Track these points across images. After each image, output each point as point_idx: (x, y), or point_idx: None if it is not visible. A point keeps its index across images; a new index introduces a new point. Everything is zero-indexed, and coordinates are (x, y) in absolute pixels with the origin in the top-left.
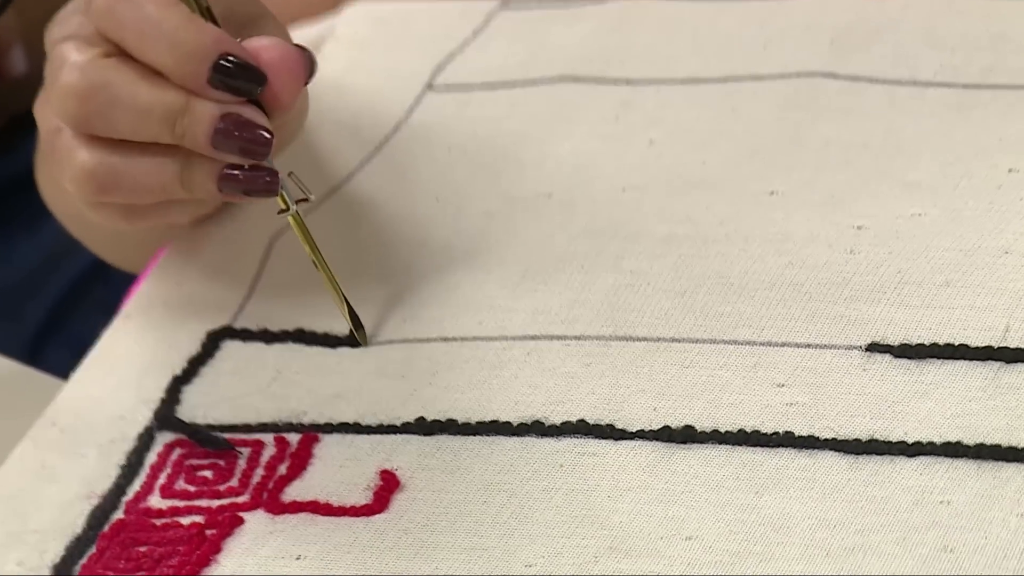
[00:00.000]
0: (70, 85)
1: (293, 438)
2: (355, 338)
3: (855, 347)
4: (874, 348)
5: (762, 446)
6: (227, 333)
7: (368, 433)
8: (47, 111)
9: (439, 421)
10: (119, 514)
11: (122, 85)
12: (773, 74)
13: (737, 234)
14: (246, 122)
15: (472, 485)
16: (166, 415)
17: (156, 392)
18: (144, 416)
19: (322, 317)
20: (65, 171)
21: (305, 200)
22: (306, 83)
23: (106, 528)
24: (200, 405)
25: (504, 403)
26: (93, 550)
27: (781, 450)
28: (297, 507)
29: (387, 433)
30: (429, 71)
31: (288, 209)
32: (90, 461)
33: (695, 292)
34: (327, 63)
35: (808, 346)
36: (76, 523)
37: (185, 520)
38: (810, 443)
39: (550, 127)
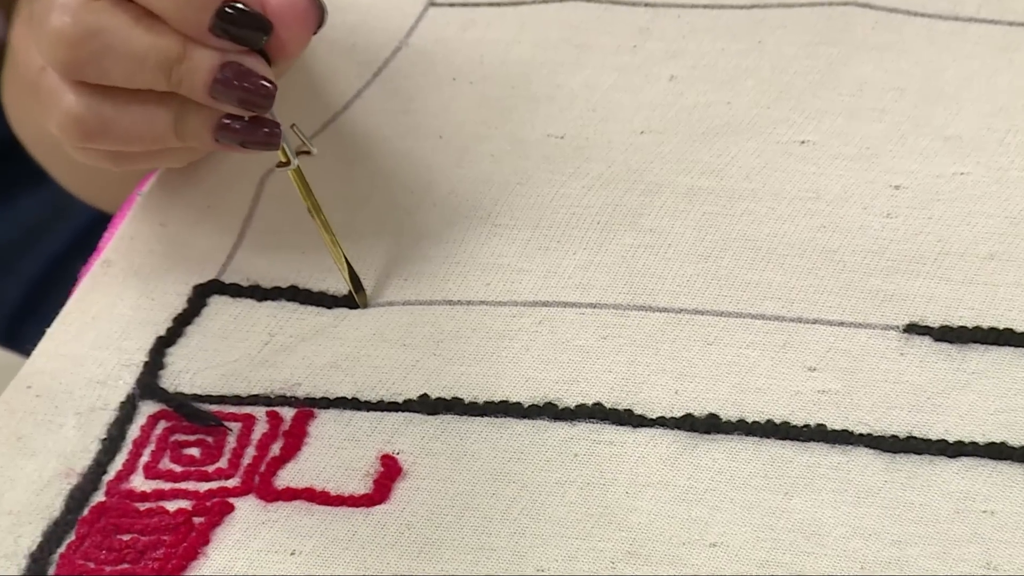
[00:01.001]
0: (60, 30)
1: (287, 413)
2: (354, 300)
3: (892, 327)
4: (912, 329)
5: (792, 439)
6: (215, 287)
7: (368, 410)
8: (30, 46)
9: (444, 399)
10: (100, 496)
11: (116, 31)
12: (803, 1)
13: (765, 190)
14: (247, 72)
15: (480, 474)
16: (149, 382)
17: (138, 354)
18: (126, 382)
19: (318, 273)
20: (51, 114)
21: (307, 153)
22: (315, 32)
23: (86, 511)
24: (186, 371)
25: (514, 380)
26: (72, 536)
27: (813, 445)
28: (291, 494)
29: (388, 410)
30: None
31: (289, 163)
32: (68, 432)
33: (720, 256)
34: None
35: (841, 324)
36: (53, 504)
37: (171, 505)
38: (844, 438)
39: (562, 54)
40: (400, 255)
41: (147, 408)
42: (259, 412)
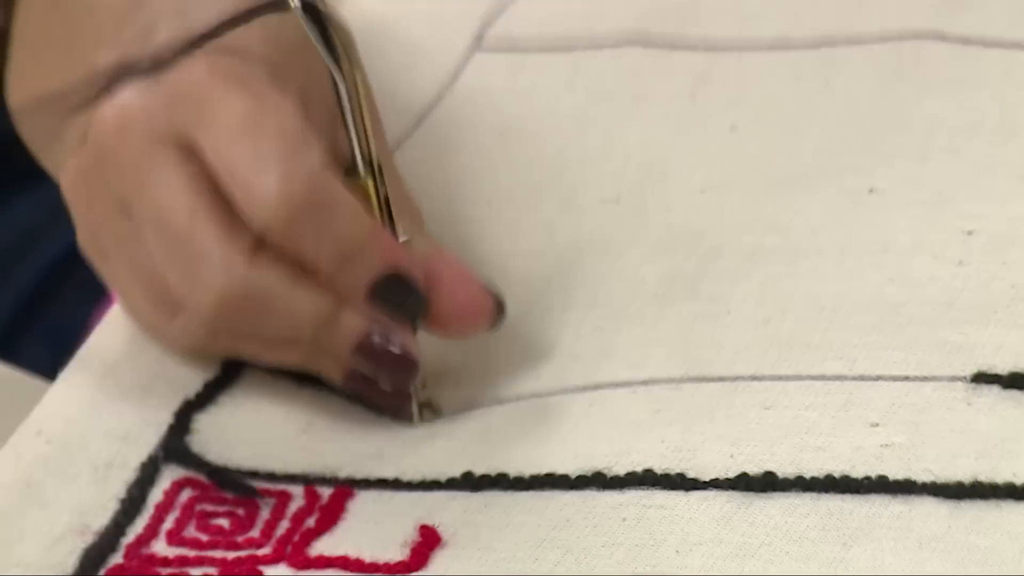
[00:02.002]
0: (220, 291)
1: (325, 491)
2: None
3: (959, 378)
4: (980, 379)
5: (852, 492)
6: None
7: (410, 490)
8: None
9: (488, 476)
10: (118, 558)
11: (280, 293)
12: (872, 35)
13: (832, 245)
14: (394, 342)
15: (522, 541)
16: (176, 446)
17: (163, 413)
18: (148, 441)
19: None
20: (167, 332)
21: (434, 412)
22: (486, 330)
23: (102, 573)
24: (215, 441)
25: (562, 456)
26: None
27: (873, 496)
28: (325, 562)
29: (430, 490)
30: (479, 19)
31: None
32: (83, 486)
33: (781, 319)
34: (361, 4)
35: (906, 379)
36: (67, 563)
37: (196, 572)
38: (906, 488)
39: (616, 105)
40: (446, 354)
41: (171, 473)
42: (295, 489)
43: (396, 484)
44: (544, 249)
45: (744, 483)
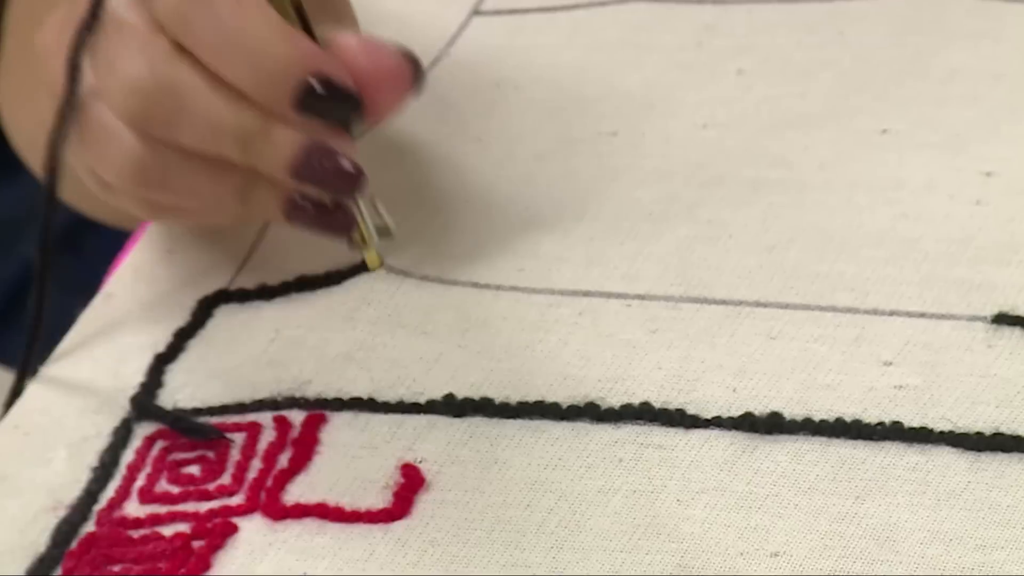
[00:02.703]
0: (135, 80)
1: (296, 417)
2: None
3: (979, 318)
4: (1002, 320)
5: (864, 439)
6: (221, 297)
7: (386, 411)
8: (62, 54)
9: (471, 400)
10: (89, 526)
11: (196, 93)
12: None
13: (840, 180)
14: (331, 154)
15: (513, 484)
16: (144, 402)
17: (136, 376)
18: (121, 406)
19: (331, 255)
20: (102, 153)
21: (387, 235)
22: (411, 95)
23: (74, 544)
24: (186, 385)
25: (550, 378)
26: (58, 571)
27: (887, 444)
28: (302, 511)
29: (409, 412)
30: None
31: (364, 245)
32: (58, 466)
33: (786, 247)
34: None
35: (922, 316)
36: (39, 540)
37: (168, 530)
38: (922, 436)
39: (617, 55)
40: (424, 233)
41: (143, 430)
42: (265, 419)
43: (372, 404)
44: (535, 175)
45: (749, 423)
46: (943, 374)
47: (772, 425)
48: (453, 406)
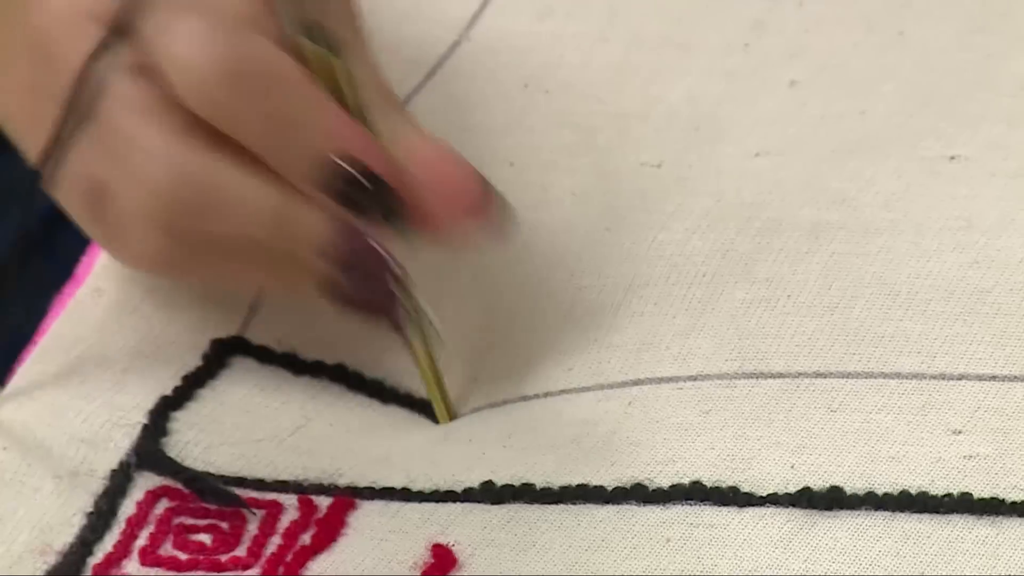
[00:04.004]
0: (158, 183)
1: (322, 502)
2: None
3: None
4: None
5: (931, 512)
6: (238, 346)
7: (420, 500)
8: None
9: (511, 486)
10: None
11: (225, 180)
12: None
13: (906, 221)
14: (361, 237)
15: (551, 565)
16: (151, 450)
17: (135, 413)
18: (119, 446)
19: (374, 352)
20: (119, 240)
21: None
22: (482, 222)
23: None
24: (195, 443)
25: (597, 464)
26: None
27: (955, 517)
28: None
29: (444, 501)
30: None
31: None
32: (44, 499)
33: (849, 306)
34: None
35: (993, 378)
36: None
37: None
38: (992, 507)
39: (659, 57)
40: (466, 345)
41: (145, 482)
42: (288, 500)
43: (405, 494)
44: (574, 221)
45: (807, 499)
46: (1016, 442)
47: (832, 500)
48: (491, 492)
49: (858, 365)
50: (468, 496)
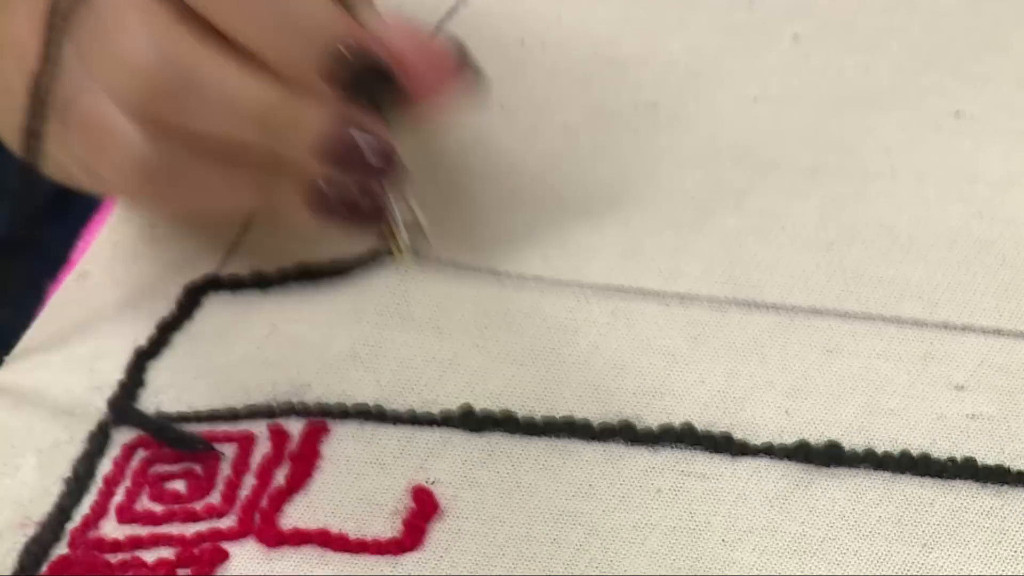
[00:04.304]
0: (137, 57)
1: (294, 427)
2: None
3: None
4: None
5: (933, 476)
6: (211, 285)
7: (395, 423)
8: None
9: (491, 414)
10: (62, 548)
11: (210, 68)
12: None
13: (907, 169)
14: (365, 130)
15: (537, 514)
16: (124, 405)
17: (114, 374)
18: (97, 408)
19: (335, 245)
20: (99, 152)
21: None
22: (456, 90)
23: (44, 568)
24: (170, 386)
25: (579, 389)
26: None
27: (959, 484)
28: (301, 537)
29: (421, 424)
30: None
31: (400, 252)
32: (26, 475)
33: (847, 245)
34: None
35: (999, 332)
36: (5, 563)
37: (150, 555)
38: (998, 476)
39: (659, 13)
40: (438, 214)
41: (121, 437)
42: (260, 428)
43: (379, 414)
44: (562, 150)
45: (804, 453)
46: (1022, 404)
47: (830, 456)
48: (471, 420)
49: (856, 305)
50: (446, 421)
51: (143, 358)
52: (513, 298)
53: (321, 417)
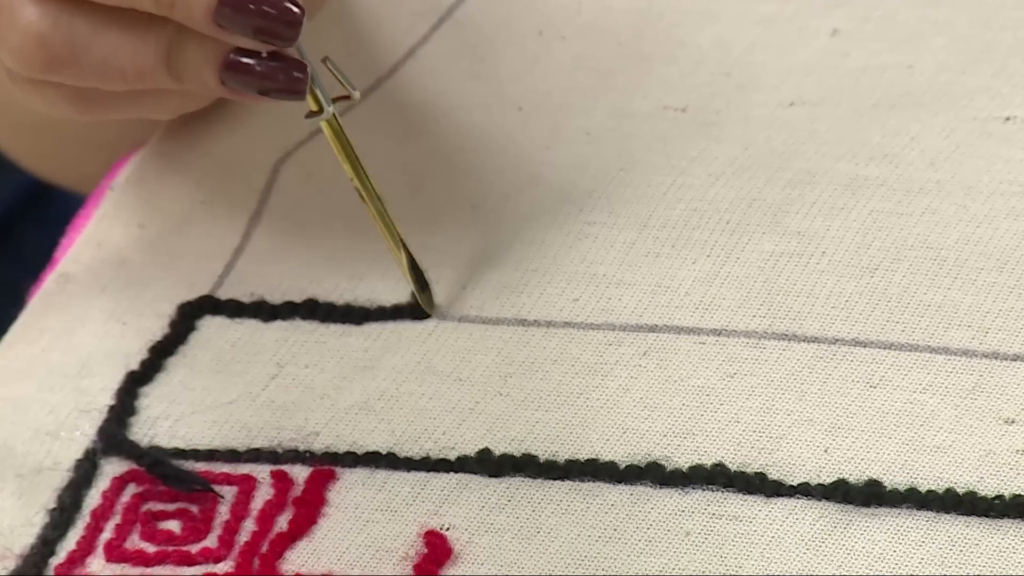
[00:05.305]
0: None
1: (299, 473)
2: (416, 304)
3: None
4: None
5: (980, 515)
6: (206, 306)
7: (408, 469)
8: None
9: (511, 457)
10: None
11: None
12: None
13: (955, 182)
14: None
15: (558, 559)
16: (115, 433)
17: (102, 396)
18: (85, 433)
19: (345, 281)
20: (2, 35)
21: (346, 98)
22: None
23: None
24: (164, 417)
25: (607, 431)
26: None
27: (1006, 523)
28: None
29: (436, 470)
30: None
31: (321, 112)
32: (5, 501)
33: (890, 269)
34: None
35: None
36: None
37: None
38: None
39: (687, 3)
40: (460, 256)
41: (111, 468)
42: (262, 472)
43: (391, 460)
44: (586, 161)
45: (842, 493)
46: None
47: (870, 495)
48: (489, 463)
49: (901, 335)
50: (463, 466)
51: (135, 382)
52: (540, 344)
53: (329, 464)
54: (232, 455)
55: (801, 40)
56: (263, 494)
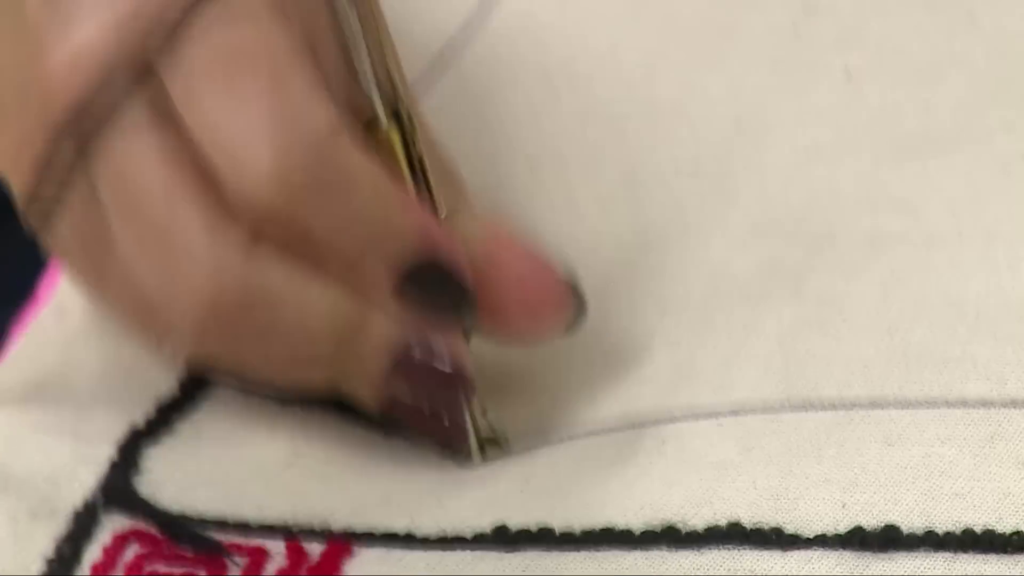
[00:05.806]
0: (209, 296)
1: (314, 549)
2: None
3: None
4: None
5: (997, 552)
6: None
7: (425, 548)
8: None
9: (527, 531)
10: None
11: (289, 297)
12: None
13: (975, 229)
14: (431, 353)
15: None
16: (120, 488)
17: (103, 447)
18: (84, 483)
19: None
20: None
21: (494, 443)
22: (564, 328)
23: None
24: (169, 481)
25: (624, 505)
26: None
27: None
28: None
29: (452, 548)
30: None
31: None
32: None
33: (910, 328)
34: None
35: None
36: None
37: None
38: None
39: (697, 40)
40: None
41: (113, 523)
42: (274, 545)
43: (408, 540)
44: (600, 233)
45: (859, 539)
46: None
47: (887, 540)
48: (505, 537)
49: (919, 392)
50: (479, 542)
51: (139, 440)
52: (560, 451)
53: (345, 541)
54: (243, 527)
55: (815, 81)
56: (275, 564)
